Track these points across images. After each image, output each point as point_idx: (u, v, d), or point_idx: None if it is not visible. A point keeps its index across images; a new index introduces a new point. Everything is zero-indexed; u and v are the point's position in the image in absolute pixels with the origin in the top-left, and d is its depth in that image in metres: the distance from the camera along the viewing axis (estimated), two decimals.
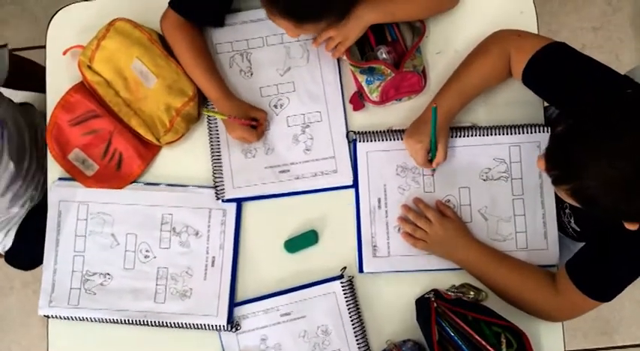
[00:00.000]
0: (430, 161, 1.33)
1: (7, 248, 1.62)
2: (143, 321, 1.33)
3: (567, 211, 1.33)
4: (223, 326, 1.32)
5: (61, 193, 1.39)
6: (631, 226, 1.03)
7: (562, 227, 1.36)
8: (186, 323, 1.33)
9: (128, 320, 1.34)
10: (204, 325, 1.33)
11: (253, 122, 1.35)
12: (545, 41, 1.25)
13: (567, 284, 1.23)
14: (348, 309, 1.33)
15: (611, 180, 0.93)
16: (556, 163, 1.01)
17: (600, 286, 1.21)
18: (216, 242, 1.36)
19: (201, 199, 1.37)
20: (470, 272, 1.32)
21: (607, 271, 1.20)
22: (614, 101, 0.99)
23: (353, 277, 1.35)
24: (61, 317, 1.36)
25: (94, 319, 1.35)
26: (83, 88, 1.38)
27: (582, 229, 1.32)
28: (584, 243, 1.28)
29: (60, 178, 1.40)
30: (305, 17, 1.18)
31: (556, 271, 1.29)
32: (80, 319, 1.35)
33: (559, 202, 1.34)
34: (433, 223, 1.32)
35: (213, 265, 1.35)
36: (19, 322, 2.31)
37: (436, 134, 1.27)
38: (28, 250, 1.57)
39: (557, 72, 1.22)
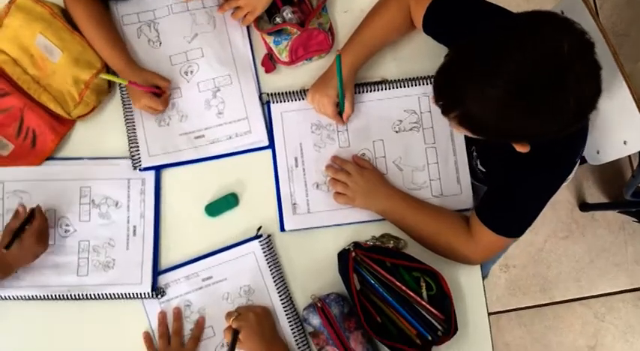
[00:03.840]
0: (340, 114, 1.35)
1: None
2: (67, 295, 1.33)
3: (474, 153, 1.37)
4: (148, 293, 1.32)
5: None
6: (522, 149, 1.07)
7: (473, 172, 1.40)
8: (110, 294, 1.33)
9: (51, 296, 1.33)
10: (129, 294, 1.33)
11: (156, 90, 1.36)
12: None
13: (478, 225, 1.27)
14: (269, 267, 1.34)
15: (489, 99, 0.98)
16: (441, 92, 1.06)
17: (508, 223, 1.25)
18: (137, 211, 1.36)
19: (119, 170, 1.37)
20: (390, 220, 1.35)
21: (512, 207, 1.24)
22: (488, 28, 1.02)
23: (271, 236, 1.37)
24: None
25: (17, 297, 1.33)
26: None
27: (487, 169, 1.36)
28: None
29: None
30: None
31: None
32: (2, 299, 1.33)
33: (468, 146, 1.38)
34: (352, 174, 1.34)
35: (134, 235, 1.36)
36: None
37: (343, 84, 1.29)
38: None
39: (453, 17, 1.26)
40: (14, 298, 1.33)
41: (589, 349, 2.36)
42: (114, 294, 1.33)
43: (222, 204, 1.37)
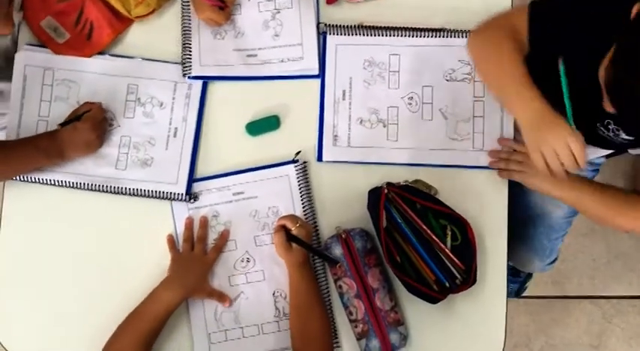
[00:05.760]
0: None
1: None
2: (103, 187, 1.35)
3: (612, 126, 1.27)
4: (182, 195, 1.34)
5: (27, 57, 1.38)
6: None
7: (605, 142, 1.34)
8: (146, 190, 1.35)
9: (88, 185, 1.35)
10: (163, 192, 1.34)
11: (221, 4, 1.36)
12: (524, 10, 1.21)
13: None
14: (300, 193, 1.35)
15: None
16: None
17: None
18: (180, 114, 1.38)
19: (167, 73, 1.39)
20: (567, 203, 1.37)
21: None
22: None
23: (307, 162, 1.37)
24: (21, 179, 1.36)
25: (55, 181, 1.35)
26: None
27: (636, 136, 1.27)
28: None
29: (27, 44, 1.40)
30: None
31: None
32: (41, 182, 1.35)
33: (595, 119, 1.28)
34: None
35: (175, 136, 1.37)
36: None
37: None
38: None
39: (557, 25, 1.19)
40: (52, 183, 1.35)
41: (592, 348, 2.35)
42: (149, 190, 1.35)
43: (264, 125, 1.38)
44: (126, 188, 1.35)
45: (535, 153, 1.14)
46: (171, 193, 1.34)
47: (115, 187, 1.35)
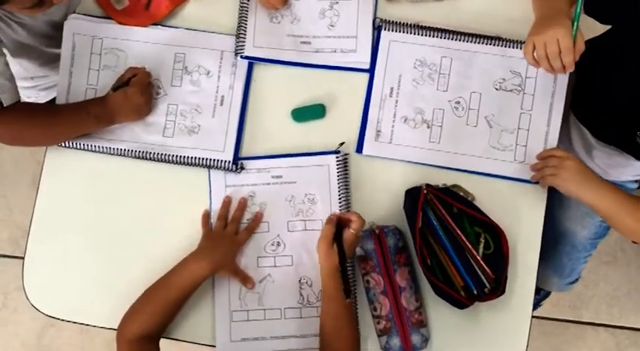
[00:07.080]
0: None
1: None
2: (150, 153, 1.36)
3: None
4: (229, 162, 1.35)
5: (75, 26, 1.39)
6: None
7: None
8: (192, 157, 1.35)
9: (136, 152, 1.36)
10: (210, 160, 1.35)
11: None
12: None
13: None
14: (338, 184, 1.35)
15: None
16: None
17: None
18: (226, 82, 1.38)
19: (215, 42, 1.39)
20: (598, 212, 1.31)
21: None
22: None
23: (348, 155, 1.37)
24: (66, 146, 1.38)
25: (104, 148, 1.37)
26: None
27: None
28: None
29: (77, 12, 1.41)
30: None
31: None
32: (89, 149, 1.37)
33: (635, 127, 1.30)
34: (564, 158, 1.29)
35: (222, 104, 1.38)
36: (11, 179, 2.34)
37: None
38: None
39: None
40: (98, 150, 1.37)
41: None
42: (196, 158, 1.35)
43: (309, 112, 1.38)
44: (173, 156, 1.36)
45: (528, 44, 1.20)
46: (218, 160, 1.35)
47: (161, 155, 1.36)
